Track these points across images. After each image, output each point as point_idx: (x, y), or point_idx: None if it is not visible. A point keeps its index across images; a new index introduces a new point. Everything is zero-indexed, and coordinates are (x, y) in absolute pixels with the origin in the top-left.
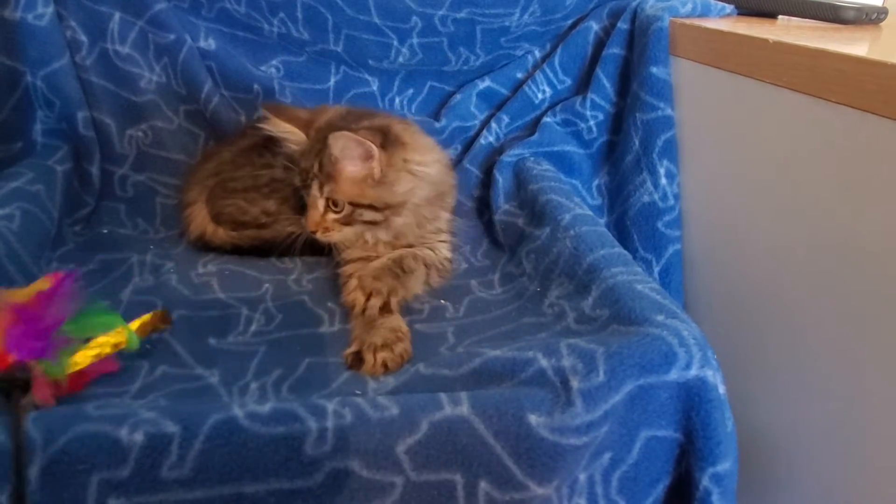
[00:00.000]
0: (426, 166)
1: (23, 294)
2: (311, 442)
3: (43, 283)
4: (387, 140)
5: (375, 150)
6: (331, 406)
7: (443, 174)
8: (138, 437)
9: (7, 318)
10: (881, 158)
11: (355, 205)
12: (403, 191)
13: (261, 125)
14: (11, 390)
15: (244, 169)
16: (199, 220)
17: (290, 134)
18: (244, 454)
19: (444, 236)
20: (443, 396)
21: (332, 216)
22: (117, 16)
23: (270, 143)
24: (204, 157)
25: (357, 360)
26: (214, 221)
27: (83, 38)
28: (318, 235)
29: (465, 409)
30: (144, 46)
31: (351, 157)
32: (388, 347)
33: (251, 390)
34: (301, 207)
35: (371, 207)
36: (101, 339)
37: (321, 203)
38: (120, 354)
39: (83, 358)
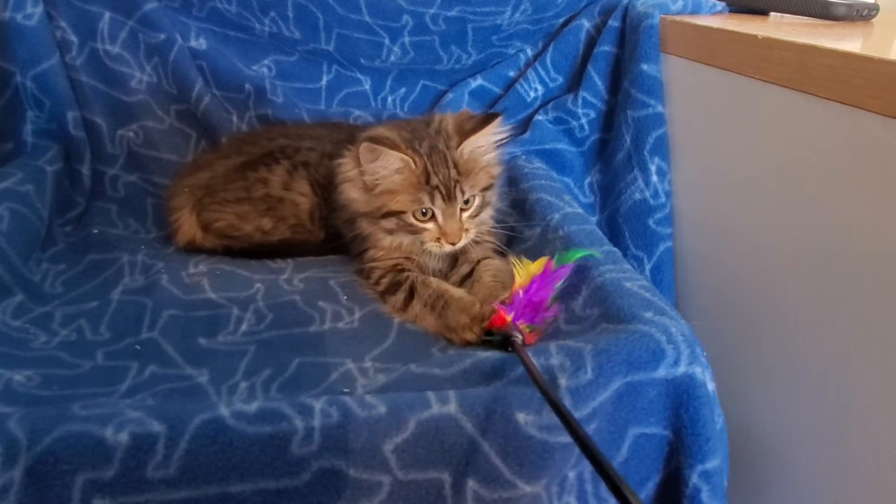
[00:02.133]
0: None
1: (531, 269)
2: (298, 441)
3: (540, 266)
4: None
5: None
6: (318, 405)
7: None
8: (123, 436)
9: (517, 292)
10: (870, 154)
11: (485, 189)
12: (499, 167)
13: (372, 163)
14: (508, 342)
15: (237, 183)
16: (187, 227)
17: (406, 162)
18: (230, 454)
19: (487, 237)
20: (430, 395)
21: (465, 215)
22: (107, 15)
23: (267, 159)
24: (196, 165)
25: None
26: (203, 231)
27: (73, 37)
28: (458, 243)
29: (452, 408)
30: (135, 46)
31: (489, 142)
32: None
33: (240, 390)
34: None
35: (492, 187)
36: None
37: (459, 207)
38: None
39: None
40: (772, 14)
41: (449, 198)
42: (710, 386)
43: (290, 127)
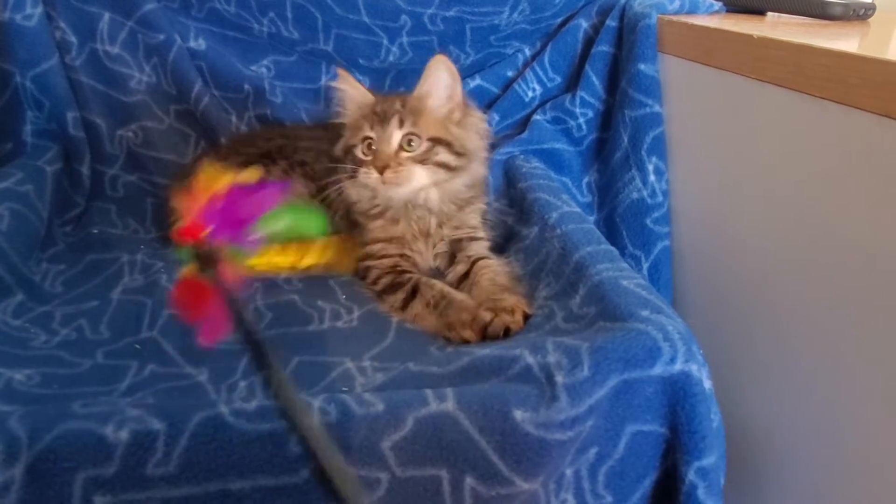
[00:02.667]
0: (484, 127)
1: (226, 179)
2: (297, 438)
3: (252, 175)
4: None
5: (460, 86)
6: (316, 403)
7: (488, 136)
8: (124, 434)
9: (208, 197)
10: (865, 154)
11: (435, 140)
12: (473, 146)
13: (335, 84)
14: (207, 264)
15: None
16: None
17: (359, 93)
18: (230, 451)
19: (480, 234)
20: (428, 392)
21: (405, 154)
22: (106, 16)
23: (264, 160)
24: (195, 167)
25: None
26: None
27: (72, 38)
28: (388, 174)
29: (450, 405)
30: (134, 47)
31: (440, 89)
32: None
33: (240, 389)
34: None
35: (448, 146)
36: (281, 256)
37: (397, 137)
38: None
39: (258, 264)
40: (769, 14)
41: (383, 122)
42: (707, 383)
43: (289, 127)
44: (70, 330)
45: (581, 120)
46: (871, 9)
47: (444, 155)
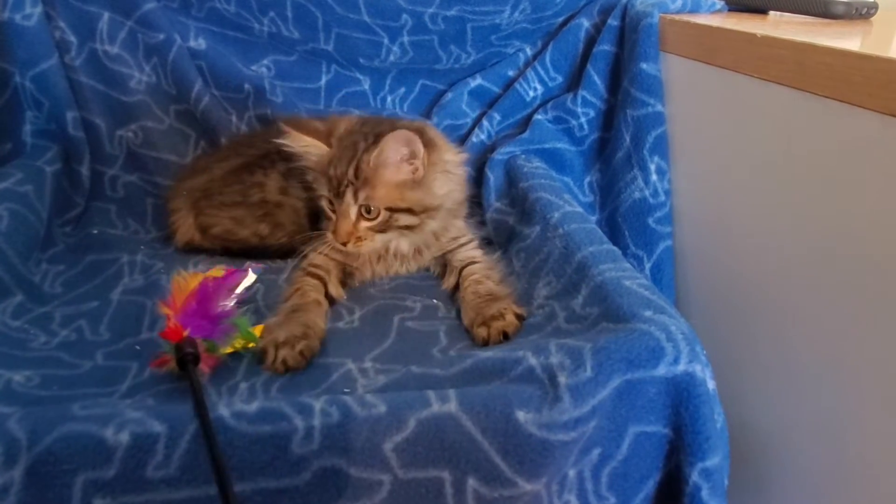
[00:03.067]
0: (457, 165)
1: (196, 280)
2: (298, 440)
3: (217, 272)
4: (424, 140)
5: (422, 149)
6: (318, 404)
7: (465, 173)
8: (124, 436)
9: (186, 299)
10: (868, 152)
11: (392, 210)
12: (442, 193)
13: (280, 141)
14: (186, 361)
15: (233, 186)
16: (185, 228)
17: (312, 147)
18: (231, 453)
19: (464, 240)
20: (430, 394)
21: (364, 224)
22: (106, 16)
23: (263, 162)
24: (194, 168)
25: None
26: (201, 234)
27: (72, 38)
28: (350, 246)
29: (452, 406)
30: (134, 46)
31: (395, 159)
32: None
33: (240, 390)
34: (314, 220)
35: (409, 211)
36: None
37: (353, 211)
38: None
39: (229, 348)
40: (771, 13)
41: (337, 195)
42: (711, 384)
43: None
44: (70, 331)
45: (583, 119)
46: (873, 7)
47: (405, 219)
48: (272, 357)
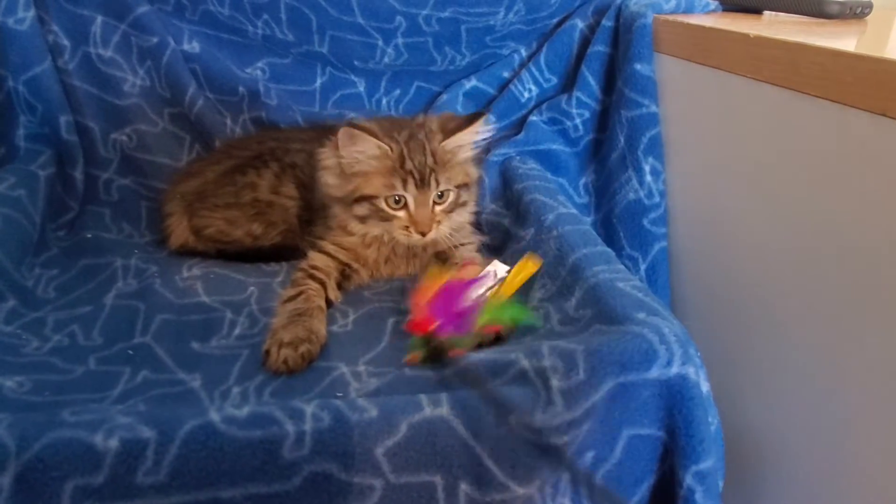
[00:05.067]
0: (481, 137)
1: (451, 275)
2: (289, 445)
3: (471, 271)
4: None
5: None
6: (309, 409)
7: None
8: (113, 442)
9: (437, 292)
10: (862, 152)
11: (460, 186)
12: (478, 173)
13: (351, 147)
14: (440, 351)
15: (226, 188)
16: (179, 231)
17: (379, 149)
18: (221, 459)
19: (465, 240)
20: (422, 397)
21: (438, 208)
22: (99, 19)
23: (256, 163)
24: (188, 172)
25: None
26: (195, 236)
27: (65, 42)
28: (431, 234)
29: (444, 410)
30: (127, 50)
31: (472, 142)
32: None
33: (233, 395)
34: (305, 221)
35: (468, 186)
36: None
37: (433, 197)
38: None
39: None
40: (765, 12)
41: (422, 184)
42: (704, 386)
43: (282, 130)
44: (62, 336)
45: (577, 121)
46: (867, 7)
47: (465, 195)
48: (275, 357)
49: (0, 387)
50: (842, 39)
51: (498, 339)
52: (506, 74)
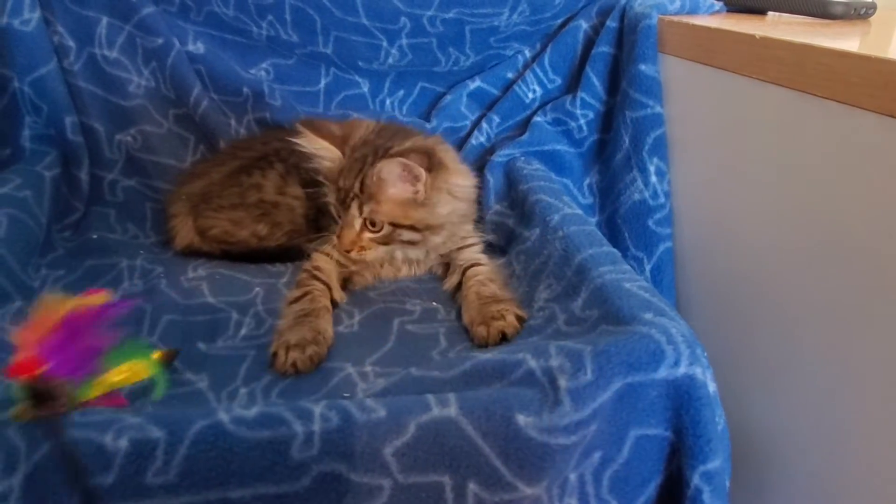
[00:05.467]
0: (465, 189)
1: (70, 304)
2: (298, 446)
3: (95, 299)
4: (431, 163)
5: (424, 174)
6: (317, 409)
7: (475, 194)
8: (123, 443)
9: (50, 327)
10: (867, 152)
11: (396, 225)
12: (445, 212)
13: (294, 140)
14: (39, 400)
15: (231, 189)
16: (184, 232)
17: (325, 151)
18: (230, 459)
19: (471, 240)
20: (430, 398)
21: (368, 235)
22: (105, 20)
23: (261, 163)
24: (192, 173)
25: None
26: (200, 236)
27: (70, 43)
28: (353, 254)
29: (452, 411)
30: (132, 51)
31: (397, 180)
32: None
33: (240, 395)
34: (315, 223)
35: (412, 228)
36: (117, 375)
37: (358, 222)
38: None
39: (97, 389)
40: (770, 13)
41: (342, 205)
42: (711, 387)
43: (287, 130)
44: None
45: (582, 121)
46: (872, 7)
47: (407, 234)
48: (283, 359)
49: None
50: (846, 40)
51: (504, 339)
52: (510, 75)
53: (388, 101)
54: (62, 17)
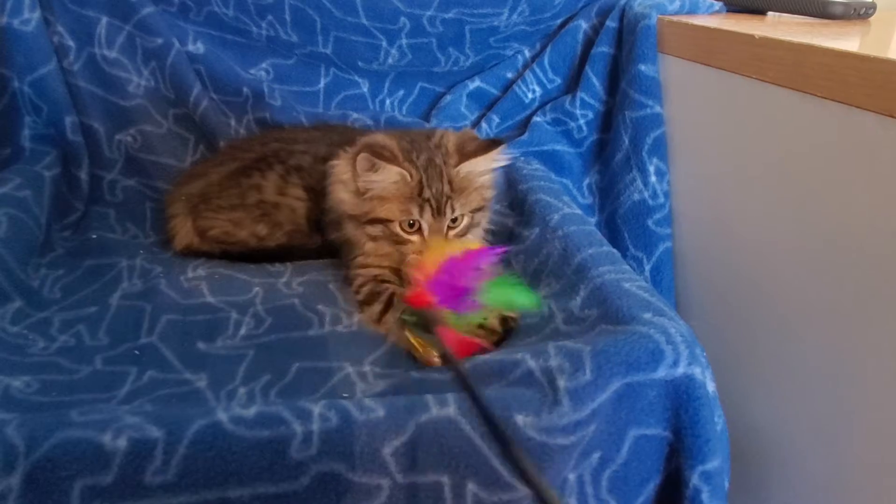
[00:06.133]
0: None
1: (453, 248)
2: (297, 445)
3: (472, 244)
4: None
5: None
6: (316, 409)
7: None
8: (122, 442)
9: (438, 266)
10: (866, 152)
11: (475, 210)
12: (492, 192)
13: (370, 174)
14: (430, 323)
15: (231, 190)
16: (183, 233)
17: (402, 175)
18: (229, 459)
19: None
20: (429, 398)
21: (452, 233)
22: (104, 20)
23: (260, 165)
24: (191, 174)
25: None
26: (199, 237)
27: (70, 42)
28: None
29: (451, 411)
30: (132, 51)
31: (490, 169)
32: None
33: (239, 395)
34: (315, 222)
35: (483, 209)
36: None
37: (447, 223)
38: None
39: (469, 328)
40: (769, 13)
41: (439, 212)
42: (711, 386)
43: (285, 130)
44: (68, 336)
45: (581, 121)
46: (871, 8)
47: (479, 216)
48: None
49: (7, 387)
50: (846, 40)
51: (508, 332)
52: (509, 75)
53: (387, 101)
54: (62, 17)
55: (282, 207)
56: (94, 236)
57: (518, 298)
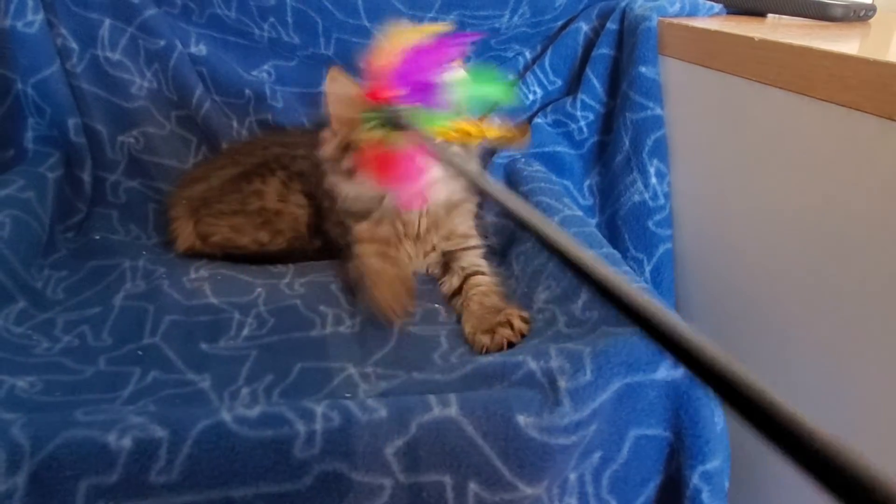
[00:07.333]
0: None
1: (413, 34)
2: (300, 445)
3: (435, 28)
4: None
5: None
6: (319, 409)
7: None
8: (126, 442)
9: (401, 56)
10: (867, 155)
11: None
12: None
13: (328, 87)
14: (398, 123)
15: (232, 195)
16: (185, 235)
17: (357, 93)
18: (233, 458)
19: (473, 242)
20: (431, 398)
21: None
22: (107, 22)
23: (262, 170)
24: (192, 176)
25: None
26: (201, 241)
27: (73, 44)
28: None
29: (453, 411)
30: (135, 53)
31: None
32: None
33: (242, 395)
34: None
35: None
36: (471, 127)
37: None
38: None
39: (448, 130)
40: (769, 15)
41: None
42: None
43: (286, 134)
44: (72, 337)
45: (582, 123)
46: (871, 10)
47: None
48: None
49: (12, 387)
50: (846, 42)
51: (510, 345)
52: (510, 77)
53: None
54: (65, 19)
55: (284, 215)
56: (97, 237)
57: (492, 93)
